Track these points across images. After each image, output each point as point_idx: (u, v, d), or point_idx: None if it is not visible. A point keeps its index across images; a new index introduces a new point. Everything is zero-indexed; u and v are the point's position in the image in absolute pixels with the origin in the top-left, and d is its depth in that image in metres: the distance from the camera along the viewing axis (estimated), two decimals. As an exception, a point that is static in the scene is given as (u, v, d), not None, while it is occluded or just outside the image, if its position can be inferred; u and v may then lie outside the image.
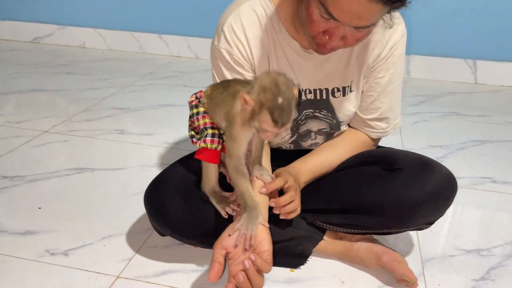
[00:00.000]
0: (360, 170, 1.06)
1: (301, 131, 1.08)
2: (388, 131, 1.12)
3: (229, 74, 0.99)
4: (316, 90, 1.03)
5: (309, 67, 1.00)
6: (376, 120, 1.09)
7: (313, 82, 1.02)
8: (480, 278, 1.08)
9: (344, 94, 1.04)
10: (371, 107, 1.07)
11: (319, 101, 1.04)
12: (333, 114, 1.06)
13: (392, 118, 1.10)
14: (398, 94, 1.09)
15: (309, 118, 1.06)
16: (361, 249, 1.08)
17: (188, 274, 1.06)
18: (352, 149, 1.11)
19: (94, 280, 1.03)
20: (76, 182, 1.44)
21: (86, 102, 2.10)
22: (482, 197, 1.43)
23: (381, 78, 1.04)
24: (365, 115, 1.09)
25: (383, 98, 1.06)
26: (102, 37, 2.99)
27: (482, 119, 2.08)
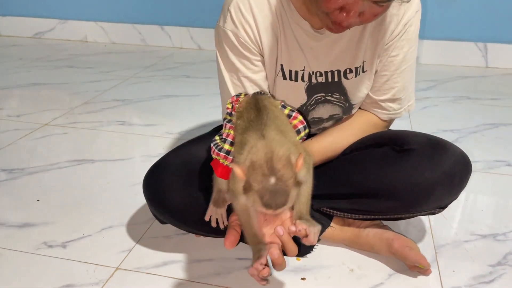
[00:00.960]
0: (368, 152, 1.01)
1: (310, 118, 1.03)
2: (401, 113, 1.05)
3: (235, 58, 0.94)
4: (328, 72, 0.97)
5: (320, 48, 0.94)
6: (388, 101, 1.02)
7: (324, 64, 0.96)
8: (496, 264, 1.02)
9: (357, 74, 0.98)
10: (384, 88, 1.01)
11: (330, 84, 0.98)
12: (345, 97, 1.00)
13: (406, 99, 1.04)
14: (412, 74, 1.03)
15: (320, 103, 1.01)
16: (370, 235, 1.03)
17: (190, 265, 1.02)
18: (361, 131, 1.05)
19: (92, 272, 0.99)
20: (75, 174, 1.40)
21: (87, 94, 2.07)
22: (497, 181, 1.37)
23: (394, 57, 0.97)
24: (378, 96, 1.02)
25: (397, 78, 1.00)
26: (104, 31, 2.96)
27: (495, 102, 2.01)
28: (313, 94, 0.99)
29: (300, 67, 0.96)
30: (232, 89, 0.95)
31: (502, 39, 2.43)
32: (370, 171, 0.97)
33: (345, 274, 0.99)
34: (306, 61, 0.95)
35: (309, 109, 1.02)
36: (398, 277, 0.98)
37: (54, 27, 3.03)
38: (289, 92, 0.98)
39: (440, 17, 2.46)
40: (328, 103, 1.01)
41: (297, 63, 0.95)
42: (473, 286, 0.96)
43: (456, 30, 2.47)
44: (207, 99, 2.00)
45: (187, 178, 0.95)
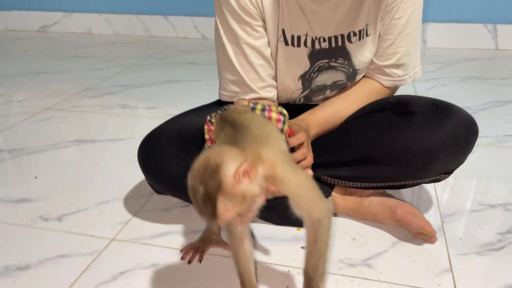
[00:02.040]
0: (369, 118, 0.97)
1: (313, 86, 1.00)
2: (406, 80, 1.01)
3: (236, 25, 0.90)
4: (331, 37, 0.93)
5: (322, 12, 0.91)
6: (392, 67, 0.98)
7: (328, 29, 0.92)
8: (506, 232, 0.98)
9: (360, 38, 0.94)
10: (387, 52, 0.97)
11: (334, 49, 0.95)
12: (349, 62, 0.96)
13: (411, 65, 1.00)
14: (417, 39, 0.99)
15: (324, 70, 0.97)
16: (373, 203, 0.99)
17: (187, 235, 0.99)
18: (365, 99, 1.01)
19: (87, 243, 0.97)
20: (74, 153, 1.39)
21: (89, 81, 2.06)
22: (506, 154, 1.32)
23: (398, 19, 0.93)
24: (382, 61, 0.98)
25: (401, 42, 0.96)
26: (108, 22, 2.95)
27: (505, 81, 1.95)
28: (316, 61, 0.96)
29: (302, 32, 0.92)
30: (233, 56, 0.92)
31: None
32: (371, 136, 0.94)
33: (347, 243, 0.96)
34: (308, 25, 0.92)
35: (312, 77, 0.98)
36: (402, 245, 0.94)
37: (59, 20, 3.03)
38: (292, 59, 0.95)
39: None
40: (332, 69, 0.97)
41: (300, 28, 0.92)
42: (481, 253, 0.92)
43: (464, 12, 2.42)
44: (211, 83, 1.98)
45: (182, 144, 0.92)
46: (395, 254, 0.92)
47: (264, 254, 0.92)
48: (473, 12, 2.40)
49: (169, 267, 0.89)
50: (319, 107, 1.01)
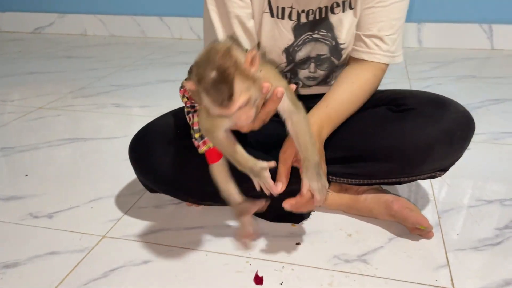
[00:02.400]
0: (364, 114, 0.95)
1: (298, 59, 0.98)
2: (387, 56, 0.94)
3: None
4: (316, 10, 0.92)
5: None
6: (373, 37, 0.93)
7: (313, 1, 0.91)
8: (504, 227, 0.96)
9: (344, 9, 0.93)
10: (368, 22, 0.93)
11: (317, 21, 0.93)
12: (332, 34, 0.94)
13: (392, 43, 0.93)
14: (400, 16, 0.94)
15: (307, 42, 0.95)
16: (368, 199, 0.98)
17: (179, 232, 0.97)
18: (368, 86, 0.94)
19: (78, 240, 0.95)
20: (66, 151, 1.37)
21: (83, 81, 2.04)
22: (503, 151, 1.31)
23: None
24: (363, 31, 0.94)
25: (382, 12, 0.92)
26: (103, 23, 2.94)
27: (501, 80, 1.95)
28: (300, 34, 0.94)
29: (287, 4, 0.91)
30: (219, 23, 0.90)
31: (508, 20, 2.37)
32: (367, 133, 0.93)
33: (343, 238, 0.94)
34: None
35: (296, 50, 0.96)
36: (398, 241, 0.93)
37: (54, 21, 3.02)
38: (276, 31, 0.93)
39: (443, -1, 2.41)
40: (314, 41, 0.95)
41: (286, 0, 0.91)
42: (478, 248, 0.90)
43: (460, 12, 2.42)
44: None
45: (171, 140, 0.91)
46: (391, 250, 0.90)
47: (259, 251, 0.90)
48: (468, 12, 2.40)
49: (161, 264, 0.87)
50: (331, 100, 0.92)
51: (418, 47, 2.52)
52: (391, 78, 1.97)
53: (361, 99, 0.94)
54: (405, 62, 2.25)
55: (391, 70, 2.14)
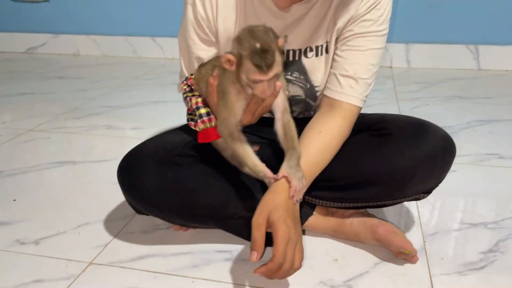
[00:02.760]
0: (347, 141, 0.96)
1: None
2: (365, 101, 0.94)
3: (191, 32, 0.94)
4: (289, 51, 0.95)
5: (283, 27, 0.92)
6: (349, 78, 0.92)
7: (287, 43, 0.94)
8: (488, 251, 0.98)
9: (317, 54, 0.95)
10: (346, 62, 0.93)
11: (291, 63, 0.96)
12: (305, 77, 0.97)
13: (366, 87, 0.93)
14: (376, 62, 0.94)
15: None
16: (354, 223, 0.99)
17: (166, 258, 0.97)
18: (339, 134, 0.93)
19: (64, 267, 0.95)
20: (55, 175, 1.37)
21: (74, 102, 2.05)
22: (488, 173, 1.33)
23: (355, 36, 0.92)
24: (339, 71, 0.93)
25: (360, 56, 0.92)
26: (96, 44, 2.96)
27: (487, 101, 1.98)
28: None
29: None
30: (184, 59, 0.98)
31: (493, 41, 2.42)
32: (350, 160, 0.94)
33: (329, 263, 0.94)
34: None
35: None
36: (384, 265, 0.93)
37: (47, 41, 3.04)
38: None
39: (431, 20, 2.45)
40: (289, 82, 0.97)
41: None
42: (462, 273, 0.91)
43: (447, 33, 2.47)
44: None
45: (160, 161, 0.92)
46: (377, 275, 0.91)
47: (246, 277, 0.91)
48: (455, 33, 2.45)
49: (147, 291, 0.87)
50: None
51: (406, 67, 2.56)
52: (380, 99, 2.01)
53: (332, 147, 0.91)
54: (394, 82, 2.28)
55: (381, 90, 2.18)
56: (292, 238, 0.78)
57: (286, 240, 0.77)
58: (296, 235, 0.79)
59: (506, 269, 0.92)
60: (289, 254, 0.78)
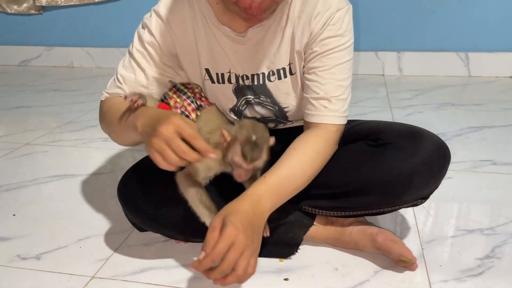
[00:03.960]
0: (344, 150, 0.98)
1: (245, 115, 1.03)
2: (344, 117, 0.94)
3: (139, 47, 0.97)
4: (254, 75, 0.97)
5: (244, 51, 0.94)
6: (321, 99, 0.91)
7: (249, 67, 0.96)
8: (485, 257, 0.99)
9: (280, 77, 0.96)
10: (314, 85, 0.92)
11: (256, 87, 0.98)
12: (272, 100, 0.99)
13: (342, 103, 0.93)
14: (345, 76, 0.93)
15: (250, 105, 1.01)
16: (354, 232, 1.00)
17: (169, 271, 0.98)
18: (313, 150, 0.91)
19: (66, 282, 0.95)
20: (55, 189, 1.37)
21: (70, 115, 2.05)
22: (482, 179, 1.36)
23: (320, 55, 0.91)
24: (310, 94, 0.93)
25: (326, 74, 0.91)
26: (90, 56, 2.97)
27: (478, 107, 2.02)
28: (241, 96, 1.00)
29: (226, 70, 0.96)
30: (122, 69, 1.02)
31: (483, 48, 2.47)
32: (348, 169, 0.95)
33: (329, 273, 0.96)
34: (231, 63, 0.95)
35: (241, 109, 1.02)
36: (384, 273, 0.95)
37: (41, 54, 3.04)
38: (219, 94, 1.00)
39: (422, 29, 2.49)
40: (258, 105, 1.01)
41: (223, 65, 0.96)
42: (461, 279, 0.93)
43: (438, 41, 2.51)
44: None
45: (160, 179, 0.93)
46: (377, 283, 0.92)
47: (247, 286, 0.91)
48: (445, 41, 2.50)
49: (150, 304, 0.88)
50: (269, 172, 0.87)
51: (399, 74, 2.60)
52: (373, 107, 2.03)
53: (313, 167, 0.90)
54: (387, 90, 2.31)
55: (374, 98, 2.21)
56: (239, 242, 0.74)
57: (229, 241, 0.73)
58: (247, 241, 0.75)
59: (503, 275, 0.93)
60: (231, 257, 0.73)
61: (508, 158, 1.48)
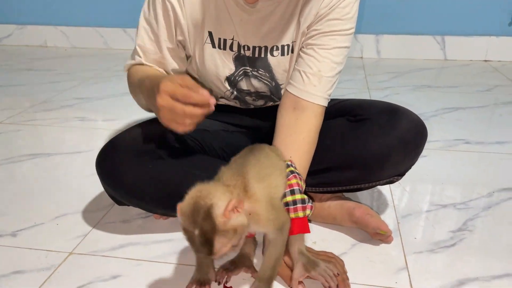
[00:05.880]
0: (324, 126, 0.99)
1: (239, 87, 1.02)
2: (328, 100, 0.95)
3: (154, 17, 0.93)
4: (255, 47, 0.96)
5: (250, 22, 0.93)
6: (313, 75, 0.91)
7: (252, 38, 0.95)
8: (457, 229, 1.03)
9: (283, 53, 0.96)
10: (309, 59, 0.92)
11: (256, 59, 0.97)
12: (271, 75, 0.99)
13: (330, 85, 0.93)
14: (340, 60, 0.94)
15: (247, 76, 1.00)
16: (332, 207, 1.02)
17: (149, 246, 0.98)
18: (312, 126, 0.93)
19: (44, 258, 0.94)
20: (29, 167, 1.35)
21: (45, 94, 2.00)
22: (456, 157, 1.39)
23: (321, 34, 0.92)
24: (302, 67, 0.93)
25: (324, 53, 0.92)
26: (64, 35, 2.89)
27: (454, 89, 2.06)
28: (240, 65, 0.98)
29: (229, 36, 0.95)
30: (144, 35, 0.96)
31: (459, 32, 2.51)
32: (327, 147, 0.96)
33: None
34: (235, 31, 0.94)
35: (237, 80, 1.01)
36: (361, 246, 0.97)
37: (12, 33, 2.94)
38: (218, 60, 0.98)
39: (400, 12, 2.52)
40: (255, 79, 1.00)
41: (227, 32, 0.94)
42: (434, 250, 0.96)
43: (415, 24, 2.54)
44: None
45: (139, 152, 0.92)
46: (354, 255, 0.94)
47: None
48: (422, 25, 2.53)
49: (130, 279, 0.88)
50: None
51: (377, 57, 2.62)
52: (352, 89, 2.05)
53: (311, 142, 0.93)
54: (365, 72, 2.33)
55: (352, 81, 2.23)
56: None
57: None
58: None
59: (474, 246, 0.97)
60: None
61: (481, 137, 1.52)
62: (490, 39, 2.49)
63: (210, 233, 0.65)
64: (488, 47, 2.51)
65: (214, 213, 0.65)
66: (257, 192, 0.73)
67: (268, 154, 0.84)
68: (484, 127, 1.62)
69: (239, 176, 0.74)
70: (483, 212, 1.09)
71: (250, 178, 0.73)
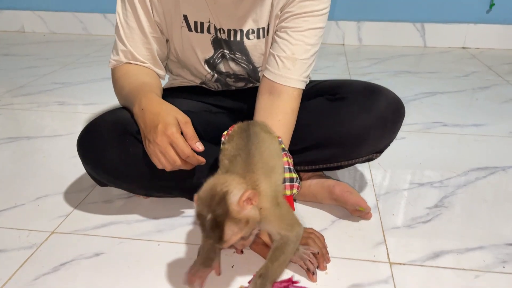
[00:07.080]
0: (303, 105, 1.00)
1: (218, 69, 1.03)
2: (305, 82, 0.96)
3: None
4: (231, 30, 0.96)
5: (225, 4, 0.93)
6: (287, 59, 0.92)
7: (228, 21, 0.95)
8: (433, 206, 1.06)
9: (259, 36, 0.97)
10: (283, 43, 0.93)
11: (233, 42, 0.98)
12: (248, 58, 0.99)
13: (306, 67, 0.95)
14: (315, 41, 0.94)
15: (225, 59, 1.01)
16: (312, 185, 1.04)
17: (131, 225, 0.98)
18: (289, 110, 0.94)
19: (25, 237, 0.93)
20: (8, 151, 1.33)
21: (23, 79, 1.97)
22: (434, 139, 1.43)
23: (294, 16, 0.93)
24: (277, 51, 0.94)
25: (297, 36, 0.92)
26: (42, 20, 2.83)
27: (433, 75, 2.10)
28: (218, 48, 0.99)
29: (205, 19, 0.95)
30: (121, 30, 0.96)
31: (438, 19, 2.55)
32: (306, 126, 0.98)
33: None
34: (210, 14, 0.94)
35: (216, 62, 1.01)
36: (340, 222, 0.99)
37: (-12, 17, 2.87)
38: (196, 44, 0.98)
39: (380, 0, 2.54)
40: (232, 61, 1.01)
41: (202, 14, 0.95)
42: (411, 225, 0.99)
43: (395, 11, 2.56)
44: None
45: (121, 133, 0.92)
46: (334, 231, 0.96)
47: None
48: (403, 12, 2.56)
49: (113, 256, 0.88)
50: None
51: (358, 44, 2.65)
52: (333, 75, 2.07)
53: (293, 123, 0.95)
54: (346, 58, 2.36)
55: (334, 67, 2.24)
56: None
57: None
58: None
59: (449, 222, 1.00)
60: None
61: (458, 120, 1.56)
62: (468, 26, 2.53)
63: (222, 218, 0.66)
64: (466, 34, 2.55)
65: (229, 200, 0.67)
66: (265, 187, 0.73)
67: (264, 138, 0.82)
68: (461, 110, 1.66)
69: (248, 172, 0.73)
70: (459, 190, 1.13)
71: (259, 175, 0.73)
